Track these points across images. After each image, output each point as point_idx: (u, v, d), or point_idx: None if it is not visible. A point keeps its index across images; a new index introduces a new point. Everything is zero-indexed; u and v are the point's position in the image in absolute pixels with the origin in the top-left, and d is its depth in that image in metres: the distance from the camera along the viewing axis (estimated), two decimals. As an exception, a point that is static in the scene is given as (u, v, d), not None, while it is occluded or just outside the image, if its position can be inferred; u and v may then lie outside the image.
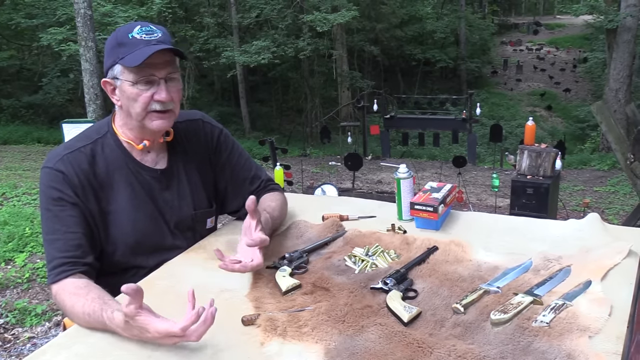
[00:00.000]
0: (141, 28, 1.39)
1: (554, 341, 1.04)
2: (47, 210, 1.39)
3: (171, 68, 1.41)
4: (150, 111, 1.42)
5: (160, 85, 1.40)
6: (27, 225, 4.68)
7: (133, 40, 1.37)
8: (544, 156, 4.61)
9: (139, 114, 1.41)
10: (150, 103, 1.40)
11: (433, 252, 1.44)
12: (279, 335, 1.12)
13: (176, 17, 14.03)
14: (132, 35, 1.38)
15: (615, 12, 11.47)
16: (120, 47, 1.38)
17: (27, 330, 3.30)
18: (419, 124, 11.25)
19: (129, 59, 1.36)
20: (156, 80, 1.39)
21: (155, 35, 1.39)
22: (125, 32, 1.39)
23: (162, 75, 1.40)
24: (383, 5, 18.97)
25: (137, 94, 1.39)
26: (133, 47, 1.36)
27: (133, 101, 1.40)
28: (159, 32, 1.41)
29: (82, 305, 1.22)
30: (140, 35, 1.38)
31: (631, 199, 7.24)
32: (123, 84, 1.40)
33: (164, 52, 1.37)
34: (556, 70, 25.27)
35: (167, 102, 1.41)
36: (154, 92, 1.40)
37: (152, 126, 1.43)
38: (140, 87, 1.39)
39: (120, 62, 1.38)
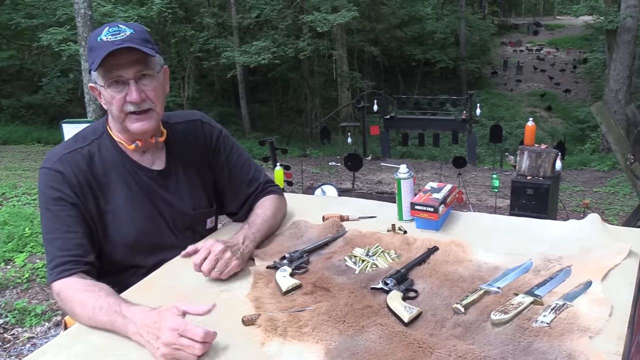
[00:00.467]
0: (109, 29, 1.36)
1: (554, 341, 1.03)
2: (46, 210, 1.39)
3: (141, 66, 1.38)
4: (127, 112, 1.41)
5: (130, 85, 1.37)
6: (27, 225, 4.67)
7: (100, 43, 1.35)
8: (544, 157, 4.60)
9: (118, 116, 1.42)
10: (125, 105, 1.39)
11: (433, 252, 1.44)
12: (280, 335, 1.12)
13: (176, 17, 14.03)
14: (100, 38, 1.35)
15: (616, 13, 11.48)
16: (91, 52, 1.37)
17: (27, 331, 3.30)
18: (419, 125, 11.25)
19: (94, 63, 1.34)
20: (125, 81, 1.37)
21: (121, 35, 1.35)
22: (95, 35, 1.38)
23: (130, 75, 1.37)
24: (383, 6, 18.98)
25: (111, 97, 1.38)
26: (99, 51, 1.34)
27: (110, 104, 1.40)
28: (127, 30, 1.37)
29: (94, 299, 1.22)
30: (107, 37, 1.35)
31: (631, 199, 7.25)
32: (100, 88, 1.40)
33: (130, 52, 1.34)
34: (556, 70, 25.30)
35: (139, 103, 1.39)
36: (126, 93, 1.38)
37: (132, 128, 1.43)
38: (112, 90, 1.38)
39: (92, 67, 1.37)
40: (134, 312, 1.15)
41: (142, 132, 1.44)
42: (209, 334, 1.08)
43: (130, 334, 1.14)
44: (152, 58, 1.41)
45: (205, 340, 1.07)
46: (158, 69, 1.43)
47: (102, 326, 1.19)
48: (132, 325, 1.13)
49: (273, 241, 1.59)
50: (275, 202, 1.70)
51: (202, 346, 1.06)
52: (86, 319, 1.22)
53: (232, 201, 1.71)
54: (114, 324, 1.17)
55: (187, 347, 1.05)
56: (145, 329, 1.10)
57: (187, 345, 1.05)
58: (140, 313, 1.14)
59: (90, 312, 1.21)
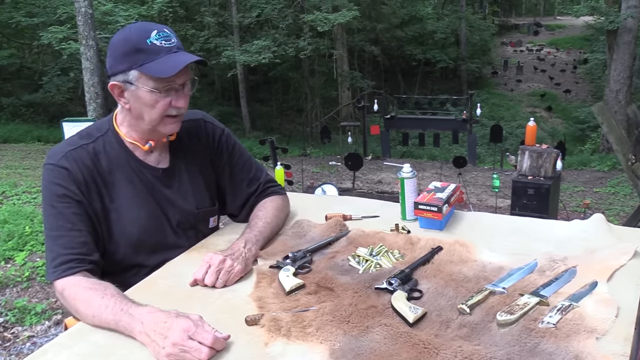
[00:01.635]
0: (158, 33, 1.36)
1: (561, 342, 1.03)
2: (51, 206, 1.37)
3: (189, 74, 1.42)
4: (166, 116, 1.42)
5: (179, 92, 1.40)
6: (27, 223, 4.66)
7: (152, 47, 1.35)
8: (545, 157, 4.60)
9: (155, 119, 1.41)
10: (169, 109, 1.41)
11: (437, 252, 1.43)
12: (283, 335, 1.11)
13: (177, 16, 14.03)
14: (150, 41, 1.35)
15: (616, 13, 11.47)
16: (139, 54, 1.35)
17: (27, 329, 3.29)
18: (419, 124, 11.24)
19: (154, 68, 1.34)
20: (176, 87, 1.39)
21: (172, 41, 1.38)
22: (141, 37, 1.36)
23: (182, 82, 1.40)
24: (383, 6, 18.97)
25: (155, 101, 1.38)
26: (154, 55, 1.34)
27: (150, 107, 1.39)
28: (174, 36, 1.40)
29: (100, 297, 1.21)
30: (160, 42, 1.36)
31: (631, 200, 7.24)
32: (139, 90, 1.37)
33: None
34: (556, 71, 25.30)
35: (184, 108, 1.42)
36: (172, 98, 1.39)
37: (165, 130, 1.44)
38: (159, 95, 1.38)
39: (139, 69, 1.35)
40: (142, 312, 1.14)
41: (173, 132, 1.48)
42: (218, 341, 1.07)
43: (135, 333, 1.13)
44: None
45: (214, 345, 1.06)
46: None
47: (106, 325, 1.18)
48: (139, 325, 1.12)
49: (276, 240, 1.59)
50: (276, 203, 1.69)
51: (209, 351, 1.05)
52: (90, 317, 1.21)
53: (232, 200, 1.70)
54: (118, 323, 1.15)
55: (194, 350, 1.04)
56: (152, 328, 1.09)
57: (194, 348, 1.04)
58: (148, 313, 1.13)
59: (95, 311, 1.20)
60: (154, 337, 1.08)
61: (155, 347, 1.08)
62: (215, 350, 1.07)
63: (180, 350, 1.05)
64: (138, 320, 1.13)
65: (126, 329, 1.14)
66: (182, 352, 1.05)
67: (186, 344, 1.05)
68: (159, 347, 1.07)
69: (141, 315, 1.13)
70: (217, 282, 1.33)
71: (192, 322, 1.08)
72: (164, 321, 1.09)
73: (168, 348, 1.05)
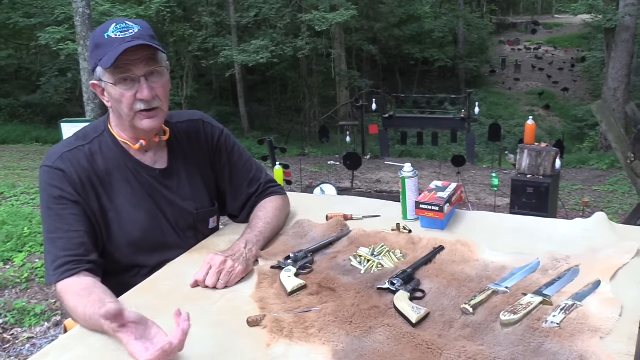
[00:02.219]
0: (115, 26, 1.35)
1: (565, 342, 1.02)
2: (48, 208, 1.37)
3: (151, 63, 1.37)
4: (137, 111, 1.39)
5: (141, 83, 1.36)
6: (26, 225, 4.65)
7: (109, 40, 1.33)
8: (544, 155, 4.60)
9: (127, 114, 1.39)
10: (135, 102, 1.38)
11: (439, 252, 1.42)
12: (286, 336, 1.10)
13: (174, 16, 13.98)
14: (107, 35, 1.34)
15: (614, 12, 11.47)
16: (98, 49, 1.35)
17: (26, 331, 3.28)
18: (418, 124, 11.23)
19: (104, 60, 1.32)
20: (136, 78, 1.36)
21: (130, 31, 1.34)
22: (101, 32, 1.36)
23: (141, 72, 1.36)
24: (381, 5, 18.95)
25: (120, 95, 1.36)
26: (108, 47, 1.33)
27: (119, 102, 1.38)
28: (135, 27, 1.36)
29: (83, 307, 1.20)
30: (115, 33, 1.34)
31: (630, 198, 7.24)
32: (107, 86, 1.37)
33: (140, 48, 1.33)
34: (554, 69, 25.31)
35: (150, 100, 1.38)
36: (136, 90, 1.36)
37: (142, 125, 1.41)
38: (121, 88, 1.36)
39: (99, 64, 1.35)
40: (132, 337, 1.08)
41: (150, 129, 1.43)
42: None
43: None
44: (161, 55, 1.41)
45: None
46: (166, 66, 1.43)
47: (100, 329, 1.16)
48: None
49: (276, 240, 1.58)
50: (277, 203, 1.68)
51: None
52: (87, 322, 1.20)
53: (232, 201, 1.70)
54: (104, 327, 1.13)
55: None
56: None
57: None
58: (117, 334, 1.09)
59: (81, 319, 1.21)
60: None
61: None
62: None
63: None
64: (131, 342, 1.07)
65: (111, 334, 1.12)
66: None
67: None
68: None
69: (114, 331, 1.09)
70: (219, 283, 1.33)
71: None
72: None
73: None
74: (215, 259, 1.35)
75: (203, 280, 1.33)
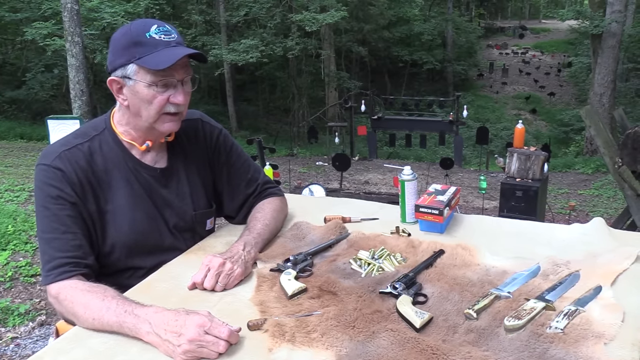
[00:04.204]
0: (158, 28, 1.35)
1: (570, 348, 1.02)
2: (44, 208, 1.33)
3: (188, 70, 1.39)
4: (164, 113, 1.38)
5: (177, 88, 1.37)
6: (10, 222, 4.56)
7: (151, 41, 1.32)
8: (533, 159, 4.63)
9: (152, 116, 1.38)
10: (166, 105, 1.37)
11: (440, 255, 1.41)
12: (288, 341, 1.08)
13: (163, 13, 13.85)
14: (149, 35, 1.33)
15: (601, 18, 11.62)
16: (137, 47, 1.33)
17: (10, 331, 3.22)
18: (406, 125, 11.28)
19: (151, 61, 1.31)
20: (174, 83, 1.36)
21: (172, 36, 1.36)
22: (141, 30, 1.34)
23: (181, 77, 1.37)
24: (371, 7, 18.99)
25: (153, 96, 1.35)
26: (152, 48, 1.32)
27: (147, 103, 1.36)
28: (174, 32, 1.37)
29: (100, 300, 1.18)
30: (159, 35, 1.33)
31: (615, 202, 7.33)
32: (137, 84, 1.35)
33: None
34: (541, 74, 25.60)
35: (183, 105, 1.39)
36: (171, 94, 1.36)
37: (163, 128, 1.40)
38: (157, 89, 1.35)
39: (136, 62, 1.33)
40: (148, 312, 1.12)
41: (169, 132, 1.44)
42: (233, 333, 1.07)
43: (142, 334, 1.10)
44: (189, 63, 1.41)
45: (230, 338, 1.06)
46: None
47: (108, 328, 1.15)
48: (146, 325, 1.10)
49: (275, 243, 1.56)
50: (274, 204, 1.67)
51: (226, 344, 1.05)
52: (90, 320, 1.17)
53: (230, 202, 1.67)
54: (122, 325, 1.13)
55: (211, 344, 1.04)
56: (162, 328, 1.08)
57: (211, 342, 1.05)
58: (155, 313, 1.11)
59: (95, 314, 1.17)
60: (165, 336, 1.07)
61: (168, 346, 1.06)
62: (231, 343, 1.07)
63: (197, 346, 1.04)
64: (145, 320, 1.10)
65: (131, 331, 1.12)
66: (199, 348, 1.04)
67: (203, 339, 1.04)
68: (173, 346, 1.05)
69: (147, 315, 1.11)
70: (217, 286, 1.31)
71: (205, 318, 1.08)
72: (175, 319, 1.08)
73: (185, 345, 1.04)
74: (213, 261, 1.33)
75: (201, 283, 1.31)
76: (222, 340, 1.05)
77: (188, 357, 1.04)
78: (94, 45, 11.25)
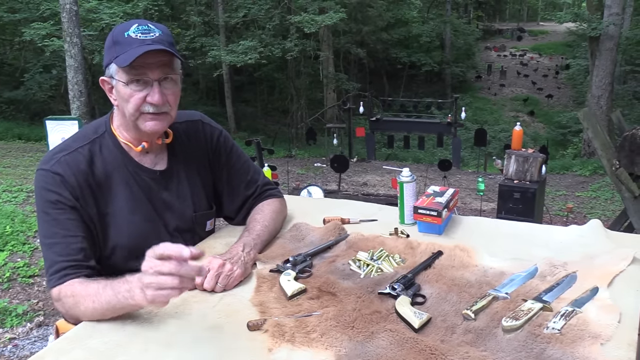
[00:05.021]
0: (138, 27, 1.35)
1: (567, 348, 1.03)
2: (44, 213, 1.34)
3: (167, 69, 1.37)
4: (143, 112, 1.38)
5: (153, 87, 1.36)
6: (8, 223, 4.56)
7: (128, 39, 1.33)
8: (531, 161, 4.65)
9: (132, 114, 1.38)
10: (143, 104, 1.37)
11: (438, 257, 1.42)
12: (287, 341, 1.09)
13: (162, 14, 13.88)
14: (127, 34, 1.33)
15: (599, 20, 11.66)
16: (116, 46, 1.34)
17: (8, 331, 3.22)
18: (404, 127, 11.31)
19: (121, 59, 1.32)
20: (149, 81, 1.35)
21: (151, 34, 1.34)
22: (122, 30, 1.35)
23: (156, 76, 1.35)
24: (370, 8, 19.02)
25: (129, 95, 1.35)
26: (127, 46, 1.32)
27: (126, 102, 1.37)
28: (157, 31, 1.36)
29: (97, 283, 1.23)
30: (136, 34, 1.33)
31: (612, 204, 7.35)
32: (117, 83, 1.36)
33: (159, 53, 1.33)
34: (539, 76, 25.66)
35: (159, 105, 1.37)
36: (147, 93, 1.36)
37: (145, 127, 1.40)
38: (132, 88, 1.35)
39: (114, 61, 1.34)
40: (139, 275, 1.15)
41: (152, 132, 1.41)
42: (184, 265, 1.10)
43: (137, 299, 1.14)
44: (177, 62, 1.41)
45: (181, 271, 1.09)
46: (180, 73, 1.43)
47: (107, 306, 1.18)
48: (137, 288, 1.14)
49: (274, 244, 1.57)
50: (274, 206, 1.67)
51: (180, 279, 1.09)
52: (90, 305, 1.20)
53: (229, 203, 1.68)
54: (118, 295, 1.17)
55: (165, 282, 1.09)
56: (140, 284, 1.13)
57: (165, 281, 1.09)
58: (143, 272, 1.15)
59: (94, 297, 1.20)
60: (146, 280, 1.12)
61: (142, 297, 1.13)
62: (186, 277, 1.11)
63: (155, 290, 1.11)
64: (136, 280, 1.15)
65: (126, 298, 1.16)
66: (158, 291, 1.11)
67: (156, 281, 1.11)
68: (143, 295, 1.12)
69: (137, 276, 1.15)
70: (217, 287, 1.32)
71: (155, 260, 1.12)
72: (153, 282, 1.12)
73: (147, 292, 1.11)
74: (213, 262, 1.34)
75: (201, 284, 1.32)
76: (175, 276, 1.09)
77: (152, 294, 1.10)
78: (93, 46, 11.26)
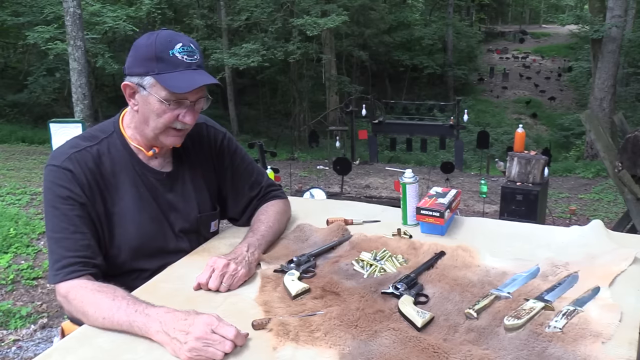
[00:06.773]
0: (183, 47, 1.36)
1: (568, 347, 1.04)
2: (54, 208, 1.35)
3: (203, 92, 1.41)
4: (170, 127, 1.41)
5: (188, 108, 1.39)
6: (12, 225, 4.58)
7: (173, 59, 1.34)
8: (534, 163, 4.66)
9: (159, 128, 1.40)
10: (175, 122, 1.40)
11: (441, 257, 1.44)
12: (292, 340, 1.10)
13: (165, 18, 13.93)
14: (172, 53, 1.34)
15: (601, 23, 11.66)
16: (159, 62, 1.34)
17: (12, 333, 3.23)
18: (407, 130, 11.33)
19: (170, 81, 1.33)
20: (187, 104, 1.39)
21: (195, 57, 1.37)
22: (165, 46, 1.35)
23: (194, 99, 1.39)
24: (372, 11, 19.06)
25: (163, 111, 1.38)
26: (173, 68, 1.34)
27: (157, 116, 1.38)
28: (197, 53, 1.39)
29: (111, 299, 1.21)
30: (182, 55, 1.35)
31: (615, 206, 7.34)
32: (150, 96, 1.37)
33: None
34: (541, 78, 25.65)
35: (191, 125, 1.42)
36: (180, 113, 1.39)
37: (166, 141, 1.43)
38: (169, 107, 1.37)
39: (155, 77, 1.35)
40: (159, 312, 1.14)
41: (172, 145, 1.47)
42: (240, 335, 1.09)
43: (152, 333, 1.12)
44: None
45: (236, 339, 1.08)
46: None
47: (118, 327, 1.17)
48: (156, 324, 1.12)
49: (278, 244, 1.58)
50: (278, 207, 1.69)
51: (232, 344, 1.07)
52: (100, 319, 1.19)
53: (234, 204, 1.70)
54: (132, 324, 1.15)
55: (217, 342, 1.06)
56: (172, 326, 1.10)
57: (217, 340, 1.06)
58: (166, 313, 1.14)
59: (105, 313, 1.19)
60: (174, 334, 1.09)
61: (176, 344, 1.08)
62: (236, 344, 1.08)
63: (203, 345, 1.06)
64: (156, 320, 1.13)
65: (141, 330, 1.14)
66: (205, 347, 1.06)
67: (209, 337, 1.06)
68: (180, 344, 1.07)
69: (159, 314, 1.14)
70: (221, 286, 1.33)
71: (214, 317, 1.10)
72: (184, 318, 1.11)
73: (192, 342, 1.06)
74: (218, 262, 1.35)
75: (206, 283, 1.33)
76: (228, 340, 1.07)
77: (194, 355, 1.05)
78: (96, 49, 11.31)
